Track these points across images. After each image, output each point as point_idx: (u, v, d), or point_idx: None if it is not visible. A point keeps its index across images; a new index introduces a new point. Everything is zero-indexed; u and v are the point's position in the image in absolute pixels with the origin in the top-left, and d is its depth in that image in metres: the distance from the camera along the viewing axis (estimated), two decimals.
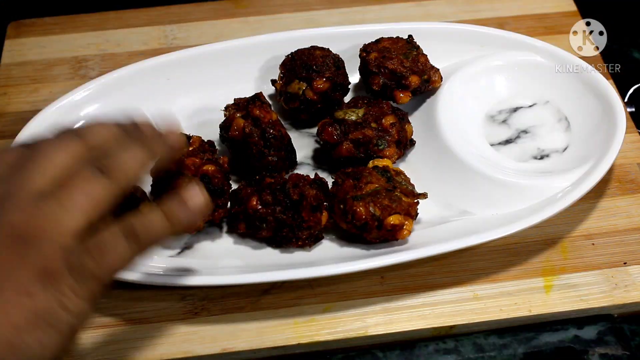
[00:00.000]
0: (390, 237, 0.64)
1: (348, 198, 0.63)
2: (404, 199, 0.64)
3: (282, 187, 0.64)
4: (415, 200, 0.65)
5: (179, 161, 0.63)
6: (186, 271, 0.63)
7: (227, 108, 0.71)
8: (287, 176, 0.67)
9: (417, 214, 0.65)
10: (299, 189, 0.64)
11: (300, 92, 0.73)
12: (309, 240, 0.64)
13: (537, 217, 0.64)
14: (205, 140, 0.68)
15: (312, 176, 0.67)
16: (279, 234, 0.64)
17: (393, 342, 0.63)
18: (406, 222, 0.63)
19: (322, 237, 0.66)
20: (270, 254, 0.66)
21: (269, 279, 0.62)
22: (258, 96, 0.70)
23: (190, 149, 0.66)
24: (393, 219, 0.63)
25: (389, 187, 0.65)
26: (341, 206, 0.64)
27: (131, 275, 0.61)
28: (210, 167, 0.64)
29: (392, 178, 0.66)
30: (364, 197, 0.63)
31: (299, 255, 0.65)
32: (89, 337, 0.62)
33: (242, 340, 0.62)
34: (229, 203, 0.66)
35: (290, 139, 0.71)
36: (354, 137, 0.69)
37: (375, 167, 0.67)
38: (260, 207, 0.63)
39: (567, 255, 0.67)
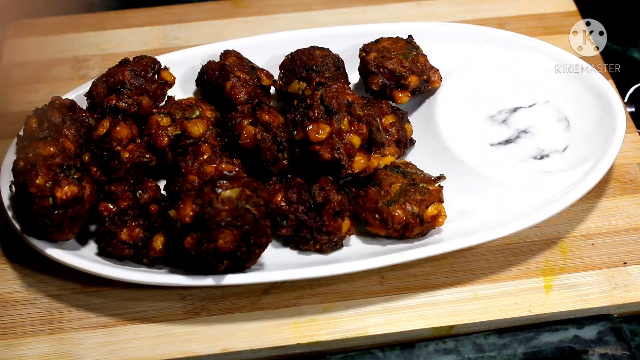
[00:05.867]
0: (431, 228, 0.65)
1: (381, 206, 0.63)
2: (430, 187, 0.65)
3: (309, 188, 0.64)
4: (438, 185, 0.65)
5: (199, 171, 0.63)
6: (186, 271, 0.63)
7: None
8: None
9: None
10: (324, 192, 0.64)
11: (300, 92, 0.73)
12: (327, 246, 0.64)
13: (537, 217, 0.64)
14: (214, 145, 0.68)
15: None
16: (299, 234, 0.64)
17: (393, 342, 0.63)
18: (441, 209, 0.64)
19: (342, 245, 0.66)
20: (269, 254, 0.65)
21: (269, 279, 0.62)
22: (263, 101, 0.70)
23: (205, 156, 0.65)
24: (431, 210, 0.63)
25: (410, 182, 0.65)
26: (377, 216, 0.64)
27: (131, 275, 0.62)
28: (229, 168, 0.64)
29: (406, 171, 0.66)
30: (396, 199, 0.63)
31: (299, 255, 0.65)
32: (89, 337, 0.62)
33: (242, 340, 0.62)
34: None
35: None
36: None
37: (386, 167, 0.67)
38: (283, 203, 0.64)
39: (567, 255, 0.67)
